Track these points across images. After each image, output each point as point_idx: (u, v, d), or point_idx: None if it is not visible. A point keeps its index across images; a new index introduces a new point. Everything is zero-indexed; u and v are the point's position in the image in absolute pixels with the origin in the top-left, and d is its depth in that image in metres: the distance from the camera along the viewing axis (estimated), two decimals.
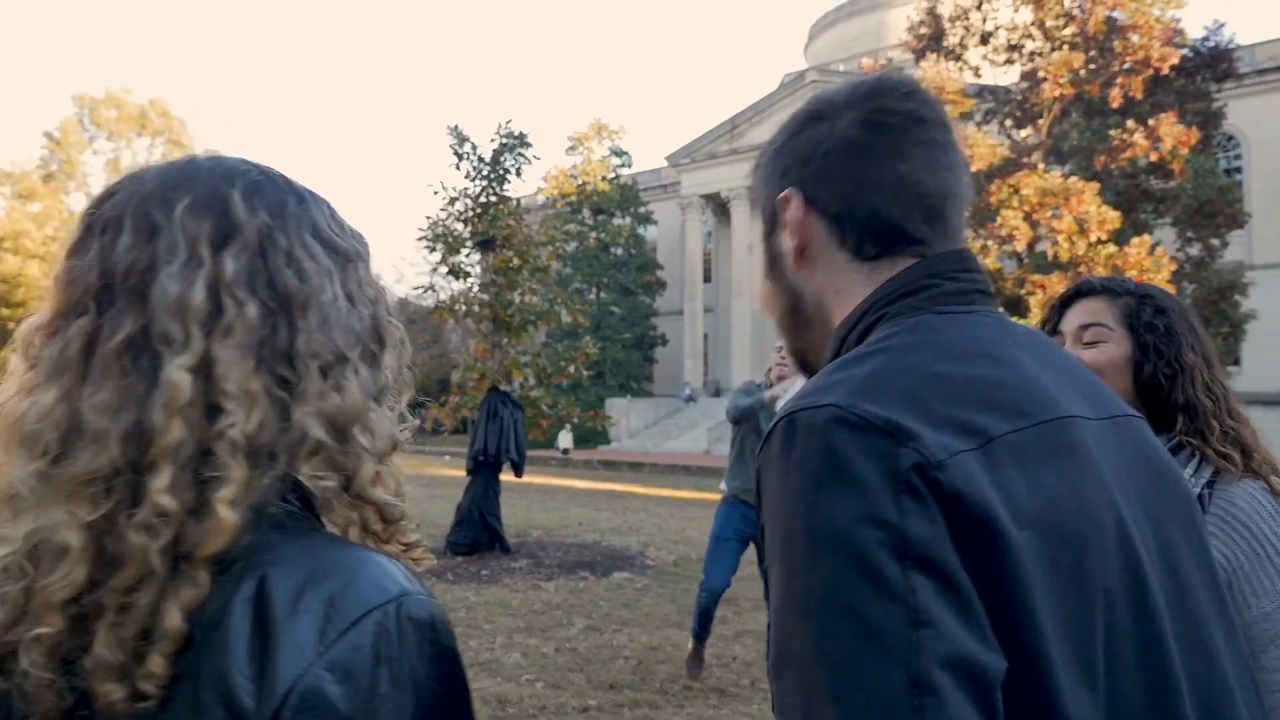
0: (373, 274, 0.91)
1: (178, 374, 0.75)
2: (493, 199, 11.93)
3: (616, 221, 44.50)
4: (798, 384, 5.67)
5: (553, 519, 14.69)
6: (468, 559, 10.34)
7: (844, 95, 1.02)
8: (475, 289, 12.15)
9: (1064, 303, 1.91)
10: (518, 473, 10.87)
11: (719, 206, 44.41)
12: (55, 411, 0.76)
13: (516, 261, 11.65)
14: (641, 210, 44.83)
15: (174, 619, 0.71)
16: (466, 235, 11.87)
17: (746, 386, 6.08)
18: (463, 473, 11.44)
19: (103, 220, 0.82)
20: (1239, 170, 31.11)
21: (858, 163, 0.98)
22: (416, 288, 13.01)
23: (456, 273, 12.14)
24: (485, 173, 11.74)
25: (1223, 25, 24.26)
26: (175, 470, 0.74)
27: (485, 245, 11.63)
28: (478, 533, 10.67)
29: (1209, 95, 24.07)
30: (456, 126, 11.33)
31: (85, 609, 0.73)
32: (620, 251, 44.49)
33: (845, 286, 0.99)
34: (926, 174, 0.98)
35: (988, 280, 0.99)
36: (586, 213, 44.38)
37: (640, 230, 45.14)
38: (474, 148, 11.71)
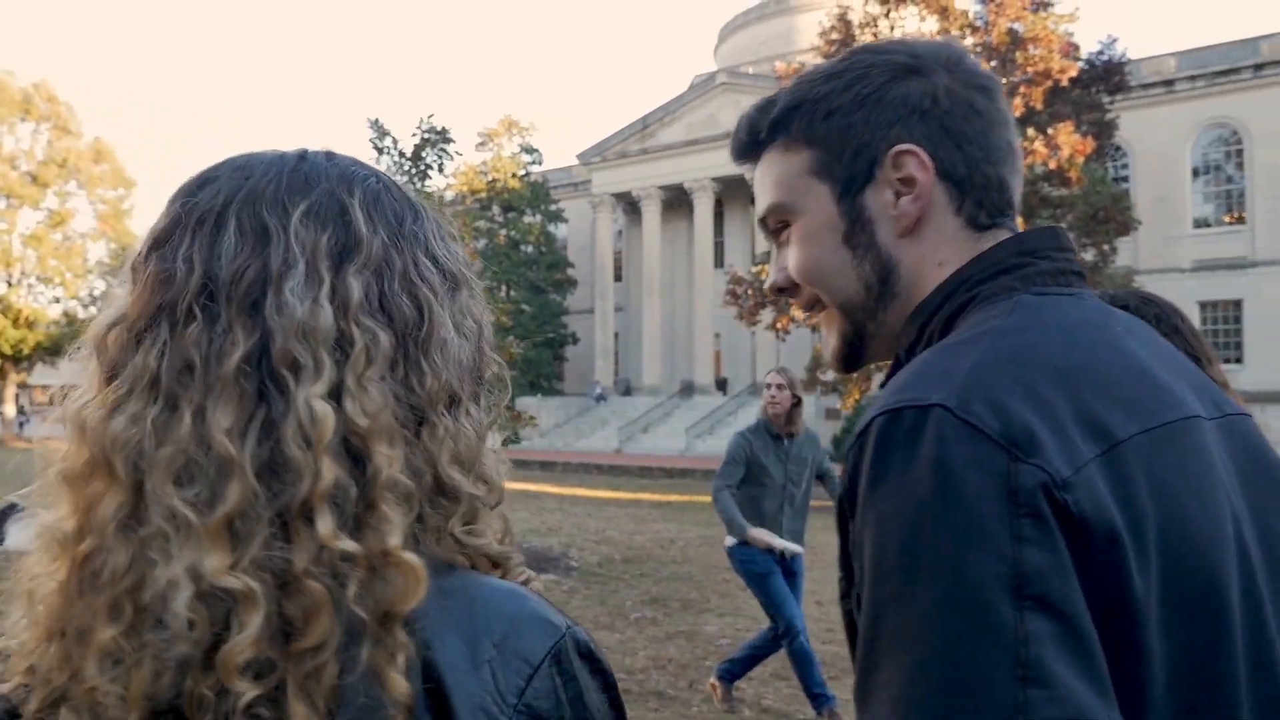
0: (479, 301, 0.82)
1: (320, 404, 0.67)
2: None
3: (527, 219, 44.18)
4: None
5: None
6: None
7: (927, 52, 0.94)
8: None
9: None
10: None
11: (630, 205, 44.49)
12: (188, 434, 0.66)
13: None
14: (552, 208, 44.63)
15: (400, 688, 0.63)
16: None
17: (732, 447, 5.63)
18: None
19: (199, 211, 0.73)
20: (1126, 179, 32.56)
21: (982, 125, 0.91)
22: None
23: None
24: (406, 168, 11.49)
25: (1115, 40, 25.46)
26: (337, 513, 0.66)
27: None
28: None
29: (1103, 107, 25.14)
30: (377, 120, 11.12)
31: (268, 669, 0.64)
32: (530, 249, 44.19)
33: (950, 258, 0.91)
34: (1019, 145, 0.95)
35: (1079, 261, 0.92)
36: (496, 209, 43.88)
37: (551, 228, 44.91)
38: (395, 142, 11.45)
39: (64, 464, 0.71)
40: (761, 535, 5.42)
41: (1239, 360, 30.72)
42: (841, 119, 0.92)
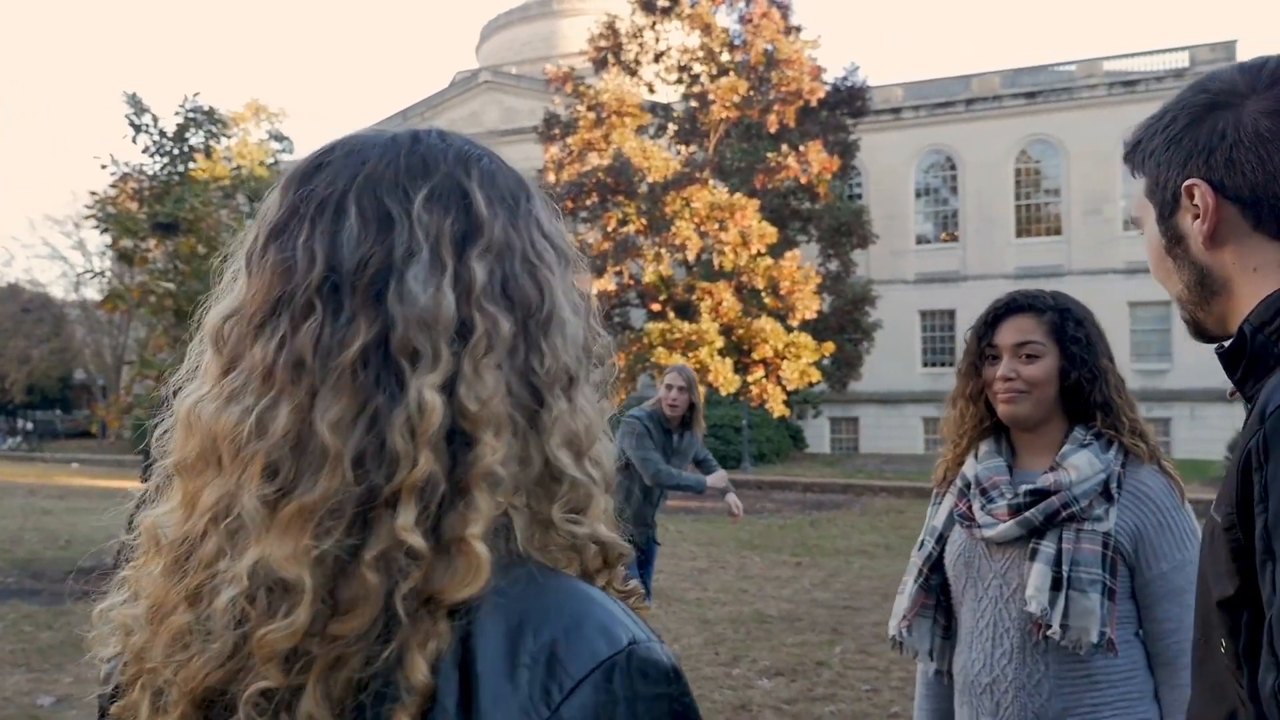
0: (584, 277, 0.82)
1: (431, 395, 0.65)
2: (174, 178, 10.79)
3: None
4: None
5: None
6: None
7: (1244, 80, 1.09)
8: (156, 277, 10.90)
9: (993, 319, 2.10)
10: None
11: None
12: (285, 427, 0.66)
13: (203, 249, 10.60)
14: None
15: (420, 672, 0.62)
16: (143, 217, 10.64)
17: (635, 430, 5.65)
18: (111, 483, 10.29)
19: (317, 199, 0.71)
20: (861, 197, 35.37)
21: (1270, 153, 1.05)
22: (78, 273, 11.42)
23: (129, 258, 10.83)
24: (169, 149, 10.60)
25: (858, 68, 27.73)
26: (421, 504, 0.65)
27: (167, 229, 10.48)
28: None
29: (846, 128, 27.25)
30: (135, 95, 10.11)
31: (300, 660, 0.64)
32: None
33: (1264, 264, 1.07)
34: None
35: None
36: (242, 199, 41.18)
37: None
38: (155, 120, 10.52)
39: (177, 455, 0.71)
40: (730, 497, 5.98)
41: (950, 365, 34.09)
42: (1153, 159, 1.15)
